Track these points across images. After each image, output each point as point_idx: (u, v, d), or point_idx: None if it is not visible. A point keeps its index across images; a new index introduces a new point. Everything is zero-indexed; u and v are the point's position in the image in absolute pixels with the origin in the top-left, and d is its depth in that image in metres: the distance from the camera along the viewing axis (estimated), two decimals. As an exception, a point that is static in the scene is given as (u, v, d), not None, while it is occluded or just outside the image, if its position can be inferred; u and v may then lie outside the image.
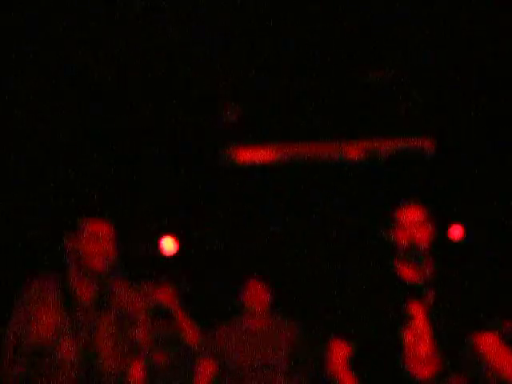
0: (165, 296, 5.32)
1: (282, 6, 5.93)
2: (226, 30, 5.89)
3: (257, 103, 6.35)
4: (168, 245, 7.10)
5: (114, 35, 5.84)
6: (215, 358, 5.29)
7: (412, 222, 4.07)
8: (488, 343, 4.14)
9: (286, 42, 5.92)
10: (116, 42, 5.86)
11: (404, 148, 6.73)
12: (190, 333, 5.43)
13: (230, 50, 5.83)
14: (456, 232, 7.01)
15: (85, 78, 6.09)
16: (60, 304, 3.96)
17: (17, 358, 3.87)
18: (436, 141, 6.65)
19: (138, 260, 6.68)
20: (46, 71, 6.03)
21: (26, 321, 3.89)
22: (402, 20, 6.05)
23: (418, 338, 4.05)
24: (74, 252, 3.99)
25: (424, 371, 4.02)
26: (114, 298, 4.09)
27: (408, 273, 4.13)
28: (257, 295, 5.26)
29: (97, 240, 3.96)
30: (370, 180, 6.59)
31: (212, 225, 6.82)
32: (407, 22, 6.04)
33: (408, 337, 4.05)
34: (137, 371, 4.11)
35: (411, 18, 6.06)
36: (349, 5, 5.96)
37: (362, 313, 4.14)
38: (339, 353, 4.19)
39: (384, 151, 6.75)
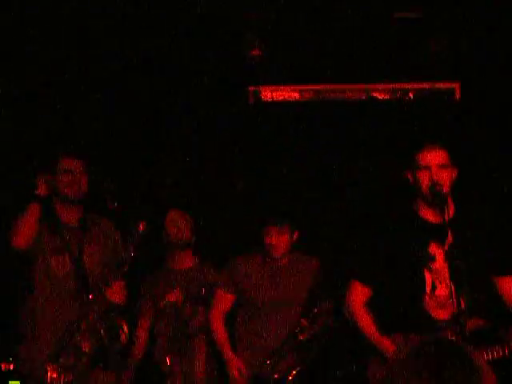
0: None
1: None
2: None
3: (284, 42, 6.31)
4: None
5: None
6: (233, 290, 5.33)
7: (435, 164, 4.10)
8: (510, 286, 4.18)
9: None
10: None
11: (431, 90, 6.68)
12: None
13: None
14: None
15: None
16: (48, 228, 4.81)
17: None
18: (462, 84, 6.60)
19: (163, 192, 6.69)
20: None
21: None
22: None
23: (437, 279, 4.09)
24: (51, 183, 4.81)
25: (442, 313, 4.07)
26: (96, 222, 4.97)
27: (429, 214, 4.17)
28: (278, 240, 5.21)
29: (69, 173, 4.80)
30: (395, 122, 6.55)
31: (237, 163, 6.81)
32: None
33: (427, 278, 4.10)
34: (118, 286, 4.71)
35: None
36: None
37: (382, 253, 4.19)
38: (359, 293, 4.25)
39: (411, 92, 6.71)
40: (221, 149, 6.71)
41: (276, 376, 5.08)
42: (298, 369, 5.07)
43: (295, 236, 5.30)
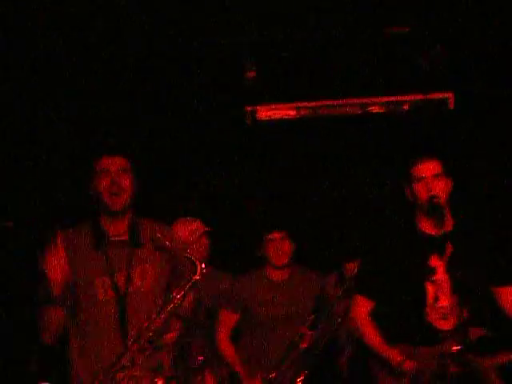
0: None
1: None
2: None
3: (277, 62, 6.39)
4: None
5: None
6: (237, 309, 5.37)
7: (430, 176, 4.16)
8: (510, 296, 4.24)
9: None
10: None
11: (425, 100, 6.76)
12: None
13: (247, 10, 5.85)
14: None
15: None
16: (93, 246, 3.89)
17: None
18: (456, 95, 6.67)
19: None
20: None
21: (62, 266, 3.72)
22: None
23: (439, 291, 4.15)
24: (94, 193, 3.93)
25: (444, 324, 4.13)
26: (146, 232, 3.97)
27: (429, 226, 4.22)
28: (279, 248, 5.30)
29: (106, 174, 3.88)
30: (391, 135, 6.64)
31: (236, 180, 6.89)
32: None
33: (429, 290, 4.16)
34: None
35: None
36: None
37: (383, 267, 4.26)
38: (362, 307, 4.31)
39: (405, 104, 6.78)
40: (220, 168, 6.79)
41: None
42: (303, 376, 5.12)
43: (294, 247, 5.37)
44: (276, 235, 5.32)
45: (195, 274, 3.70)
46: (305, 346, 5.12)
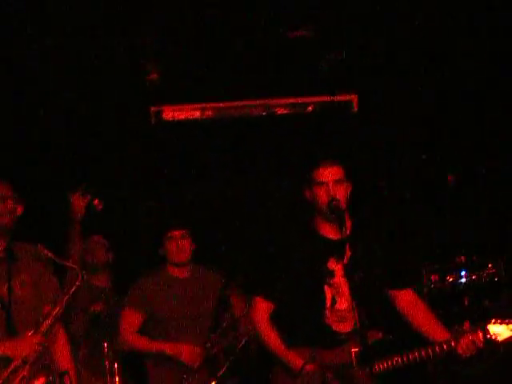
0: None
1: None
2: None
3: (180, 63, 6.36)
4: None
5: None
6: (142, 307, 5.35)
7: (331, 180, 4.21)
8: (405, 299, 4.33)
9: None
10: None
11: (329, 102, 6.81)
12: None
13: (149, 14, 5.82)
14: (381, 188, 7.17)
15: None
16: None
17: None
18: (360, 97, 6.76)
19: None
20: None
21: None
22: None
23: (337, 294, 4.20)
24: None
25: (343, 326, 4.18)
26: (23, 250, 4.42)
27: (328, 230, 4.26)
28: (180, 245, 5.36)
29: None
30: (296, 136, 6.68)
31: (141, 181, 6.85)
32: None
33: (327, 292, 4.21)
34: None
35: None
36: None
37: (282, 269, 4.28)
38: (262, 309, 4.33)
39: (310, 106, 6.83)
40: (127, 169, 6.75)
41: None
42: (213, 382, 5.13)
43: (194, 246, 5.44)
44: (176, 233, 5.39)
45: (77, 280, 4.20)
46: (214, 352, 5.20)
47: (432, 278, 6.24)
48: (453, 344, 4.07)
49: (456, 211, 6.93)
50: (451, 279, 6.27)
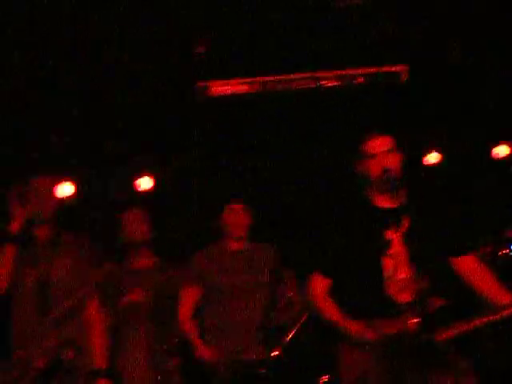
0: None
1: None
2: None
3: (228, 37, 6.30)
4: (144, 182, 7.10)
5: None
6: (198, 282, 5.36)
7: (382, 151, 4.16)
8: (467, 265, 4.24)
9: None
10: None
11: (378, 73, 6.72)
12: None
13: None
14: (431, 159, 7.10)
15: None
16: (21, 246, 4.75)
17: None
18: (410, 67, 6.65)
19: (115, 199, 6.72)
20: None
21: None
22: None
23: (397, 264, 4.13)
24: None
25: (403, 296, 4.11)
26: (68, 237, 4.90)
27: (382, 200, 4.22)
28: (237, 218, 5.38)
29: (37, 195, 4.76)
30: (345, 109, 6.61)
31: (191, 159, 6.83)
32: None
33: (386, 263, 4.14)
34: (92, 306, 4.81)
35: None
36: None
37: (339, 244, 4.22)
38: (318, 285, 4.27)
39: (359, 78, 6.74)
40: (176, 146, 6.73)
41: (256, 357, 5.15)
42: (276, 353, 5.12)
43: (251, 221, 5.45)
44: (237, 206, 5.42)
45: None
46: (273, 327, 5.26)
47: (484, 250, 6.16)
48: None
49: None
50: (502, 252, 6.21)
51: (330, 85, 6.73)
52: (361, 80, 6.74)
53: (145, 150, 6.70)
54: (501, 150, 7.57)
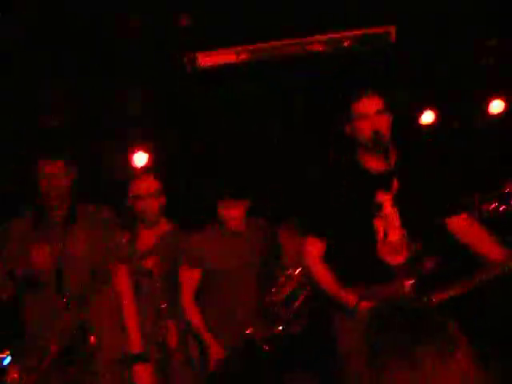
0: None
1: None
2: None
3: (214, 6, 6.25)
4: (139, 157, 7.08)
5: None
6: (199, 264, 5.31)
7: (372, 112, 4.11)
8: (462, 225, 4.22)
9: None
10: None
11: (366, 35, 6.67)
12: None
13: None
14: (426, 117, 7.06)
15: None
16: (36, 225, 4.74)
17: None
18: (397, 28, 6.60)
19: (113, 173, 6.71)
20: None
21: (16, 252, 4.69)
22: None
23: (388, 226, 4.11)
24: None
25: (396, 258, 4.10)
26: (84, 211, 4.83)
27: (373, 162, 4.18)
28: (232, 213, 5.26)
29: (50, 178, 4.67)
30: (333, 72, 6.57)
31: (184, 133, 6.81)
32: None
33: (378, 225, 4.12)
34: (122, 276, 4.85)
35: None
36: None
37: (332, 206, 4.20)
38: (313, 248, 4.26)
39: (346, 41, 6.69)
40: (164, 117, 6.71)
41: (259, 335, 5.12)
42: (280, 328, 5.12)
43: (248, 204, 5.33)
44: (231, 203, 5.24)
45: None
46: (276, 304, 5.18)
47: (484, 207, 6.14)
48: None
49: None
50: (503, 208, 6.18)
51: (318, 50, 6.69)
52: (348, 43, 6.70)
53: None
54: (496, 105, 7.51)
